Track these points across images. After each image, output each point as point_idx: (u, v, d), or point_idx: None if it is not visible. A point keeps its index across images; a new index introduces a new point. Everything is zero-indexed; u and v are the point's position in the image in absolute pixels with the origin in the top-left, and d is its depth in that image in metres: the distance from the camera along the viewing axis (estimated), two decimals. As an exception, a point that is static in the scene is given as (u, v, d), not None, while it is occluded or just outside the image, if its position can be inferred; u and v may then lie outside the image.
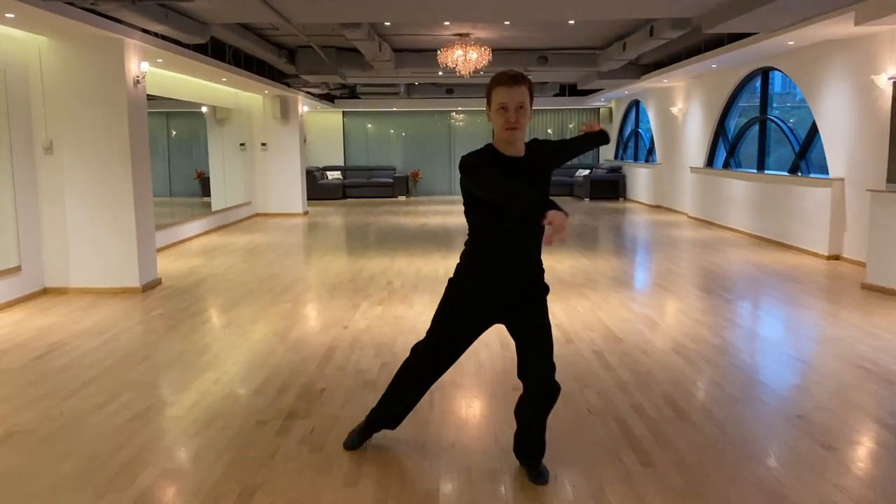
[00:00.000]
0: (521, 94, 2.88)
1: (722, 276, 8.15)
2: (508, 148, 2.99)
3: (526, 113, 2.91)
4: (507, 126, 2.90)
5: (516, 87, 2.87)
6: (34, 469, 3.38)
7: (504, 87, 2.88)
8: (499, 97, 2.90)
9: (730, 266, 8.73)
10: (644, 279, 7.89)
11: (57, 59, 7.09)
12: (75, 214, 7.30)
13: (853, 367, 4.82)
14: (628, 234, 12.28)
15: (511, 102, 2.87)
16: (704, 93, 13.57)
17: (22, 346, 5.46)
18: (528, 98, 2.91)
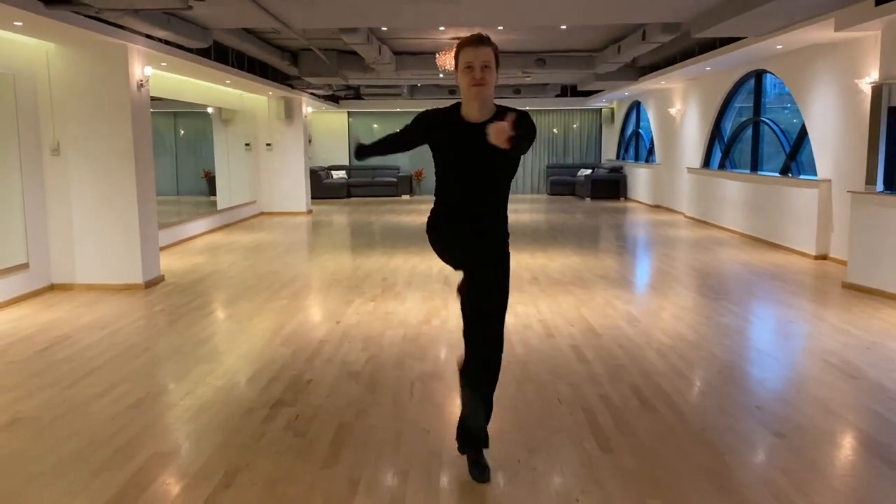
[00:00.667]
0: (486, 53, 3.01)
1: (709, 275, 8.35)
2: (473, 109, 3.07)
3: (491, 72, 3.02)
4: (473, 83, 3.01)
5: (481, 47, 3.01)
6: (36, 452, 3.64)
7: (470, 46, 3.03)
8: (465, 57, 3.03)
9: (718, 265, 8.94)
10: (632, 277, 8.10)
11: (64, 64, 7.37)
12: (81, 213, 7.58)
13: (818, 362, 5.03)
14: (624, 233, 12.49)
15: (476, 61, 3.00)
16: (701, 94, 13.76)
17: (28, 339, 5.74)
18: (493, 59, 3.03)
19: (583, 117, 21.81)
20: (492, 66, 3.03)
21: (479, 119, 3.07)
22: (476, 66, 3.01)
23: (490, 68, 3.02)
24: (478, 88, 3.02)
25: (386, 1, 6.96)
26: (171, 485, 3.26)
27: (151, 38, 7.80)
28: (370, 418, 4.04)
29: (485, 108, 3.08)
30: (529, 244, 10.81)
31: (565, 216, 15.07)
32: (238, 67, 11.15)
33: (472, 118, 3.09)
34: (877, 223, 7.07)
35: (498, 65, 3.10)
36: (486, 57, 3.01)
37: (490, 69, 3.02)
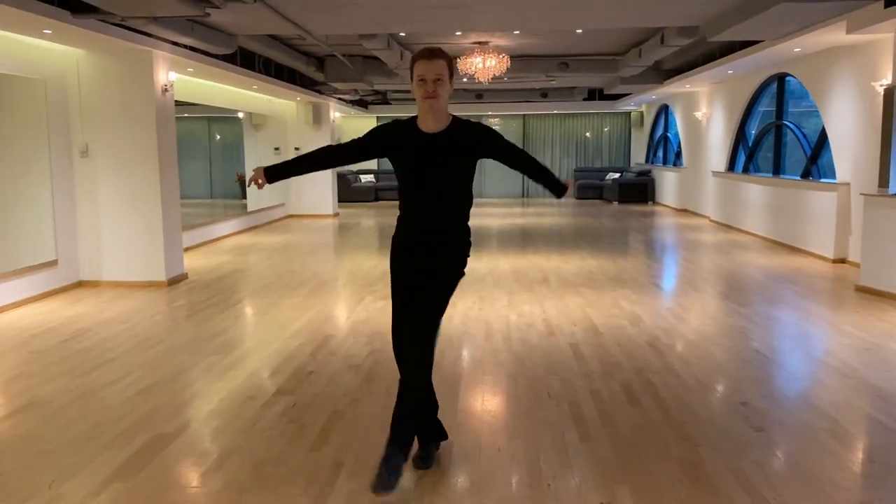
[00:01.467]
0: (439, 66, 3.12)
1: (722, 278, 8.38)
2: (428, 120, 3.20)
3: (444, 85, 3.13)
4: (426, 96, 3.12)
5: (434, 61, 3.12)
6: (47, 432, 3.89)
7: (423, 60, 3.13)
8: (418, 70, 3.13)
9: (734, 268, 8.94)
10: (644, 280, 8.15)
11: (92, 70, 7.71)
12: (108, 213, 7.90)
13: (814, 362, 5.08)
14: (645, 237, 12.50)
15: (429, 74, 3.10)
16: (725, 98, 13.71)
17: (52, 331, 6.04)
18: (446, 71, 3.13)
19: (611, 121, 21.80)
20: (445, 78, 3.14)
21: (434, 129, 3.21)
22: (429, 79, 3.12)
23: (443, 81, 3.13)
24: (430, 101, 3.14)
25: (400, 7, 7.15)
26: (167, 464, 3.47)
27: (176, 44, 8.10)
28: (362, 407, 4.21)
29: (439, 118, 3.21)
30: (546, 246, 10.90)
31: (589, 219, 15.11)
32: (265, 73, 11.45)
33: (428, 128, 3.22)
34: (889, 225, 7.04)
35: (452, 76, 3.21)
36: (438, 70, 3.12)
37: (443, 82, 3.13)
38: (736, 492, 3.15)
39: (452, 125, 3.23)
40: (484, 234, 12.59)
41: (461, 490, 3.20)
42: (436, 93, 3.12)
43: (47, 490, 3.19)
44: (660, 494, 3.13)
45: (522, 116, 21.65)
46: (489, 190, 21.81)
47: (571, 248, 10.69)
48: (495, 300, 7.10)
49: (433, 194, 3.25)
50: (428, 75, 3.12)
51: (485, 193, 21.74)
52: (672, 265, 9.43)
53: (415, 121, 3.27)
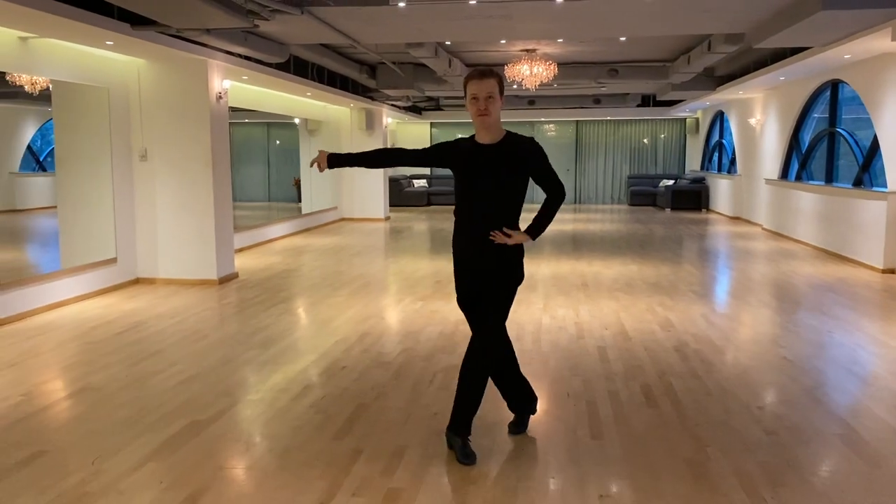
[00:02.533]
0: (490, 85, 3.39)
1: (763, 286, 8.32)
2: (482, 134, 3.49)
3: (495, 102, 3.41)
4: (479, 113, 3.41)
5: (485, 80, 3.39)
6: (95, 415, 4.21)
7: (474, 80, 3.42)
8: (471, 89, 3.42)
9: (777, 277, 8.86)
10: (683, 286, 8.16)
11: (152, 78, 8.15)
12: (164, 214, 8.33)
13: (840, 370, 5.07)
14: (692, 244, 12.41)
15: (480, 93, 3.38)
16: (779, 104, 13.51)
17: (109, 323, 6.43)
18: (496, 89, 3.40)
19: (666, 127, 21.61)
20: (495, 96, 3.41)
21: (489, 141, 3.51)
22: (481, 97, 3.40)
23: (494, 98, 3.41)
24: (482, 118, 3.44)
25: (440, 18, 7.36)
26: (199, 447, 3.73)
27: (231, 53, 8.49)
28: (387, 401, 4.42)
29: (493, 132, 3.50)
30: (590, 252, 10.95)
31: (638, 226, 15.05)
32: (318, 80, 11.82)
33: (483, 141, 3.51)
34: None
35: (502, 94, 3.48)
36: (489, 89, 3.39)
37: (493, 99, 3.41)
38: (735, 491, 3.23)
39: (506, 139, 3.50)
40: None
41: (464, 479, 3.36)
42: (487, 110, 3.40)
43: (90, 466, 3.49)
44: (659, 491, 3.24)
45: (575, 122, 21.64)
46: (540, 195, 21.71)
47: (615, 255, 10.72)
48: (531, 303, 7.23)
49: (483, 201, 3.50)
50: (480, 94, 3.40)
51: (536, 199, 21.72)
52: (714, 273, 9.39)
53: (473, 136, 3.55)
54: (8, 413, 4.21)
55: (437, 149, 3.69)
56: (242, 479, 3.38)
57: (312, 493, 3.20)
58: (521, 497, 3.19)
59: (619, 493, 3.22)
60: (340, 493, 3.21)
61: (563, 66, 12.61)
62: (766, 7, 7.11)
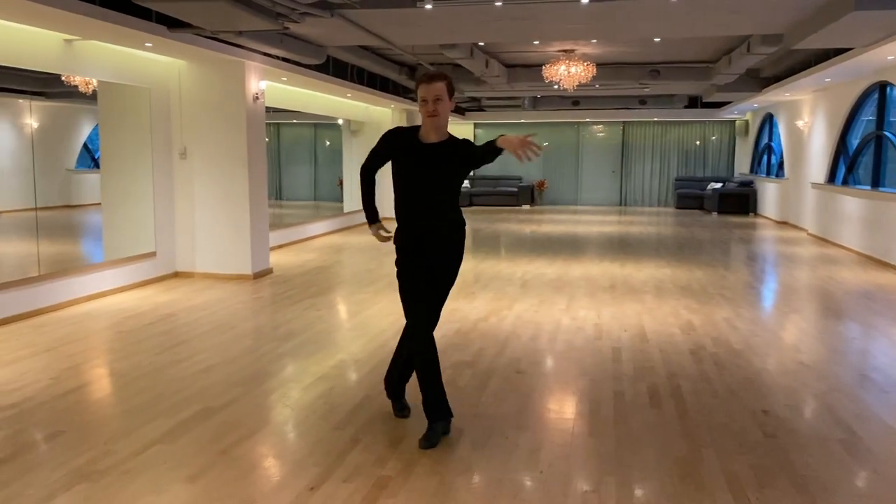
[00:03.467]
0: (438, 88, 3.58)
1: (796, 291, 8.17)
2: (430, 134, 3.66)
3: (444, 104, 3.59)
4: (428, 114, 3.60)
5: (433, 84, 3.58)
6: (114, 399, 4.43)
7: (424, 84, 3.61)
8: (420, 92, 3.62)
9: (813, 282, 8.68)
10: (713, 290, 8.05)
11: (192, 79, 8.44)
12: (202, 210, 8.61)
13: (857, 376, 4.98)
14: (732, 249, 12.21)
15: (429, 95, 3.58)
16: (827, 106, 13.19)
17: (141, 315, 6.70)
18: (444, 92, 3.59)
19: (714, 129, 21.25)
20: (444, 97, 3.61)
21: (435, 140, 3.69)
22: (429, 99, 3.59)
23: (442, 100, 3.60)
24: (432, 119, 3.62)
25: (469, 18, 7.44)
26: (206, 432, 3.90)
27: (268, 55, 8.72)
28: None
29: (439, 132, 3.69)
30: (624, 255, 10.89)
31: (680, 229, 14.86)
32: (358, 81, 12.02)
33: (429, 140, 3.70)
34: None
35: (451, 96, 3.64)
36: (437, 92, 3.59)
37: (442, 101, 3.60)
38: (721, 491, 3.24)
39: (448, 140, 3.70)
40: (566, 241, 12.69)
41: (453, 469, 3.44)
42: (436, 111, 3.60)
43: (102, 446, 3.68)
44: (644, 488, 3.27)
45: (622, 124, 21.44)
46: (585, 197, 21.74)
47: (650, 257, 10.64)
48: (553, 304, 7.25)
49: (429, 194, 3.69)
50: (428, 96, 3.60)
51: (581, 201, 21.69)
52: (749, 277, 9.24)
53: (418, 130, 3.71)
54: (35, 395, 4.46)
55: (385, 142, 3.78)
56: (241, 462, 3.52)
57: (304, 478, 3.33)
58: (506, 488, 3.26)
59: (605, 489, 3.26)
60: (332, 478, 3.33)
61: (603, 67, 12.55)
62: (797, 8, 7.00)
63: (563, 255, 10.72)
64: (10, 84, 7.26)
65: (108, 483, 3.27)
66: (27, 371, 4.92)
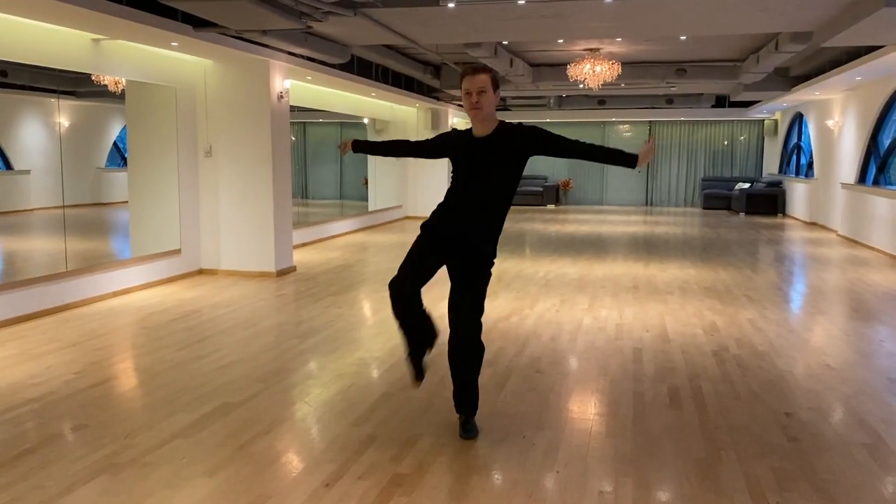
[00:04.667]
0: (482, 80, 3.55)
1: (823, 293, 8.04)
2: (477, 127, 3.65)
3: (487, 96, 3.56)
4: (471, 107, 3.58)
5: (477, 76, 3.57)
6: (136, 393, 4.48)
7: (468, 76, 3.60)
8: (464, 85, 3.60)
9: (841, 284, 8.54)
10: (738, 291, 7.95)
11: (217, 78, 8.52)
12: (226, 208, 8.69)
13: (883, 380, 4.88)
14: (759, 249, 12.05)
15: (473, 88, 3.55)
16: (858, 106, 12.97)
17: (166, 311, 6.78)
18: (489, 84, 3.57)
19: (743, 129, 20.99)
20: (488, 90, 3.57)
21: (483, 134, 3.66)
22: (473, 91, 3.56)
23: (486, 93, 3.57)
24: (475, 112, 3.60)
25: (494, 17, 7.42)
26: (225, 428, 3.93)
27: (293, 54, 8.77)
28: (413, 391, 4.52)
29: (487, 124, 3.65)
30: (649, 254, 10.80)
31: (706, 230, 14.70)
32: (382, 81, 12.05)
33: (478, 133, 3.68)
34: None
35: (496, 89, 3.61)
36: (481, 84, 3.56)
37: (486, 93, 3.57)
38: (740, 493, 3.19)
39: (498, 129, 3.64)
40: (590, 241, 12.61)
41: (469, 468, 3.43)
42: (479, 104, 3.56)
43: (122, 440, 3.72)
44: (662, 489, 3.24)
45: (649, 123, 21.26)
46: (611, 197, 21.60)
47: (674, 258, 10.54)
48: (575, 303, 7.21)
49: (475, 189, 3.64)
50: (472, 88, 3.57)
51: (606, 201, 21.56)
52: (773, 278, 9.11)
53: (471, 130, 3.72)
54: (59, 388, 4.52)
55: (436, 140, 3.91)
56: (258, 457, 3.54)
57: (320, 475, 3.34)
58: (521, 488, 3.24)
59: (621, 490, 3.23)
60: (347, 475, 3.34)
61: (628, 66, 12.45)
62: (826, 5, 6.88)
63: (587, 255, 10.66)
64: (40, 83, 7.40)
65: (127, 476, 3.31)
66: (52, 365, 5.00)
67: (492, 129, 3.63)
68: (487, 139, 3.63)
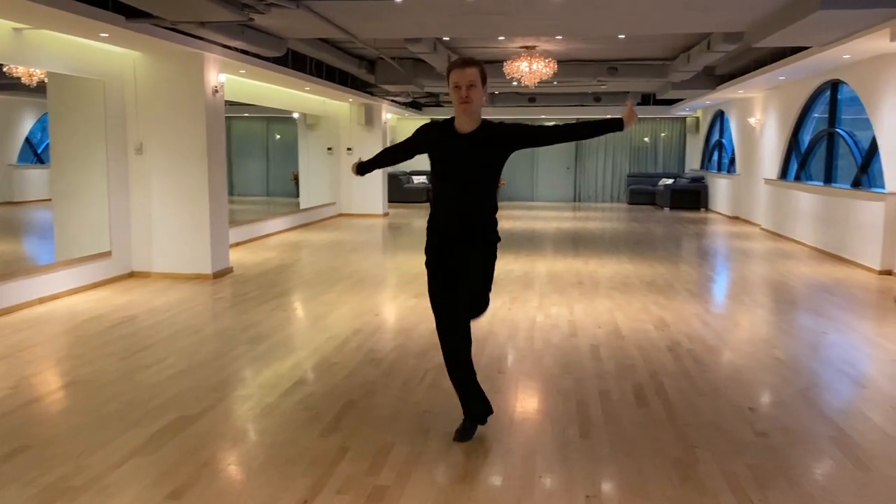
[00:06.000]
0: (472, 74, 3.46)
1: (758, 286, 8.30)
2: (462, 122, 3.54)
3: (477, 90, 3.47)
4: (461, 101, 3.47)
5: (467, 69, 3.46)
6: (82, 409, 4.18)
7: (457, 69, 3.49)
8: (453, 78, 3.49)
9: (774, 277, 8.83)
10: (678, 286, 8.12)
11: (148, 71, 8.11)
12: (159, 208, 8.30)
13: (833, 371, 5.04)
14: (689, 244, 12.39)
15: (462, 81, 3.45)
16: (779, 104, 13.48)
17: (101, 317, 6.41)
18: (478, 78, 3.48)
19: (666, 126, 21.56)
20: (477, 84, 3.48)
21: (468, 130, 3.56)
22: (462, 85, 3.46)
23: (475, 87, 3.47)
24: (465, 105, 3.49)
25: (438, 13, 7.33)
26: (185, 443, 3.71)
27: (227, 47, 8.44)
28: (376, 398, 4.39)
29: (472, 120, 3.56)
30: (586, 250, 10.93)
31: (635, 225, 15.02)
32: (317, 75, 11.77)
33: (463, 129, 3.57)
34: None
35: (484, 83, 3.53)
36: (471, 77, 3.46)
37: (475, 87, 3.47)
38: (723, 492, 3.21)
39: (483, 126, 3.56)
40: (527, 237, 12.69)
41: (452, 476, 3.34)
42: (469, 98, 3.46)
43: (75, 461, 3.46)
44: (646, 491, 3.22)
45: (576, 120, 21.58)
46: (541, 194, 21.85)
47: (611, 253, 10.70)
48: (526, 301, 7.20)
49: (464, 185, 3.59)
50: (462, 82, 3.46)
51: (536, 197, 21.79)
52: (710, 272, 9.36)
53: (452, 122, 3.59)
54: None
55: (419, 135, 3.75)
56: (227, 475, 3.35)
57: (296, 491, 3.18)
58: (508, 495, 3.17)
59: (607, 493, 3.20)
60: (325, 490, 3.19)
61: (563, 64, 12.56)
62: (765, 6, 7.08)
63: (526, 252, 10.70)
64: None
65: (87, 501, 3.07)
66: (-17, 380, 4.64)
67: (476, 125, 3.55)
68: (472, 136, 3.54)
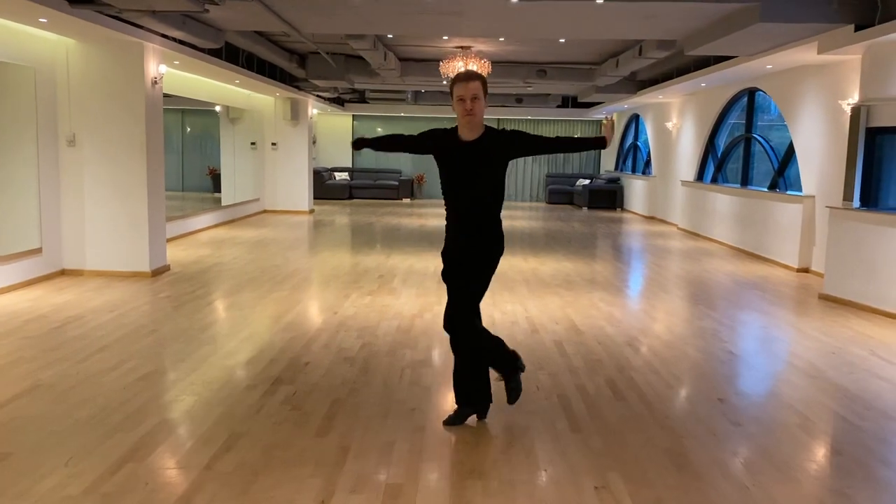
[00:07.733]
0: (475, 87, 3.64)
1: (692, 283, 8.70)
2: (465, 132, 3.70)
3: (480, 102, 3.64)
4: (465, 113, 3.63)
5: (471, 82, 3.65)
6: (55, 414, 3.98)
7: (461, 82, 3.67)
8: (458, 91, 3.65)
9: (702, 274, 9.28)
10: (618, 283, 8.43)
11: (82, 60, 7.73)
12: (93, 203, 7.93)
13: (783, 363, 5.38)
14: (616, 242, 12.83)
15: (467, 94, 3.61)
16: (697, 110, 14.13)
17: (43, 317, 6.08)
18: (481, 91, 3.66)
19: (583, 128, 22.20)
20: (480, 97, 3.65)
21: (471, 138, 3.72)
22: (467, 98, 3.62)
23: (479, 99, 3.64)
24: (469, 118, 3.65)
25: (393, 10, 7.32)
26: (178, 447, 3.60)
27: (167, 37, 8.15)
28: (361, 396, 4.38)
29: (475, 130, 3.71)
30: (522, 249, 11.15)
31: (561, 224, 15.42)
32: (248, 68, 11.51)
33: (466, 138, 3.72)
34: (852, 237, 7.41)
35: (486, 94, 3.69)
36: (475, 91, 3.63)
37: (478, 100, 3.64)
38: (718, 479, 3.39)
39: (485, 134, 3.72)
40: (460, 234, 12.79)
41: (460, 472, 3.39)
42: (473, 110, 3.62)
43: (64, 468, 3.31)
44: (649, 481, 3.36)
45: (497, 121, 21.88)
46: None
47: (546, 252, 10.95)
48: (478, 299, 7.28)
49: (468, 193, 3.75)
50: (466, 95, 3.62)
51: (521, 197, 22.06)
52: (643, 270, 9.74)
53: (456, 130, 3.73)
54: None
55: (428, 136, 3.88)
56: (233, 479, 3.28)
57: (310, 492, 3.15)
58: (520, 489, 3.24)
59: (612, 484, 3.32)
60: (339, 491, 3.17)
61: (494, 65, 12.75)
62: (705, 16, 7.43)
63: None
64: None
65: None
66: (-66, 386, 4.34)
67: (479, 134, 3.71)
68: (476, 144, 3.70)
